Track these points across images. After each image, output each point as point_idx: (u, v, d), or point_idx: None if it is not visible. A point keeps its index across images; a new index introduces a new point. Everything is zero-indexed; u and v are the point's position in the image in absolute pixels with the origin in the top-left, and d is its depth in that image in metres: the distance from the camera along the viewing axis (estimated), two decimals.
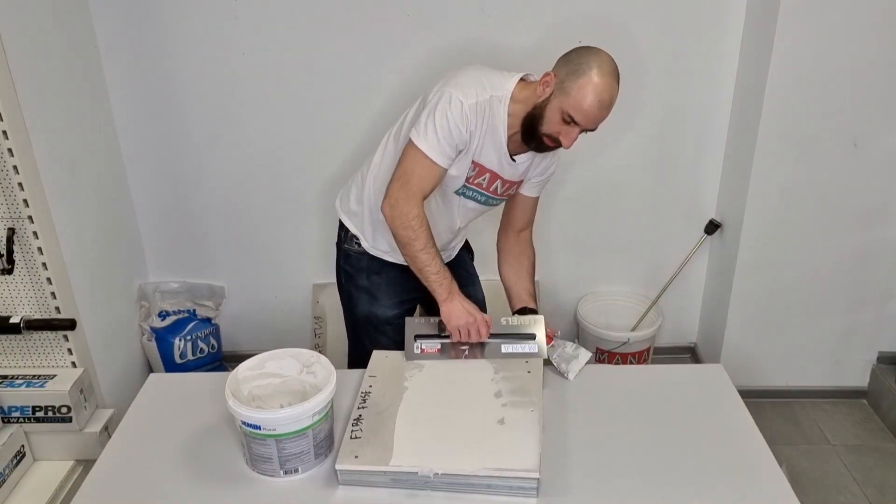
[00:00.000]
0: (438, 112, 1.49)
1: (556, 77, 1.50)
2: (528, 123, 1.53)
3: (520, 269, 1.82)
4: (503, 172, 1.64)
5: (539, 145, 1.56)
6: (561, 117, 1.49)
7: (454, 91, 1.50)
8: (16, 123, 1.79)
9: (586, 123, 1.50)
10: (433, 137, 1.50)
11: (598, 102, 1.46)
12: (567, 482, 1.27)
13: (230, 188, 2.50)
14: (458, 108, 1.49)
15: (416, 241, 1.54)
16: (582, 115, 1.47)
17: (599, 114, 1.49)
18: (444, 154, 1.52)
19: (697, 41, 2.30)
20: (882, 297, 2.44)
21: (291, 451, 1.27)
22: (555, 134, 1.52)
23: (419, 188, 1.53)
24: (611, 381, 1.57)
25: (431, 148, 1.51)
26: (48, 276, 1.93)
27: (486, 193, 1.67)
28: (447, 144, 1.51)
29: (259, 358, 1.38)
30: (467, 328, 1.56)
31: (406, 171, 1.54)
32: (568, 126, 1.50)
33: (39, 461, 2.00)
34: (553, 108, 1.49)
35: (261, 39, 2.27)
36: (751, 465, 1.31)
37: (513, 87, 1.55)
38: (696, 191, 2.54)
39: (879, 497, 2.15)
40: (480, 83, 1.53)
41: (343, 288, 1.87)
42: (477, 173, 1.62)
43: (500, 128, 1.55)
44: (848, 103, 2.16)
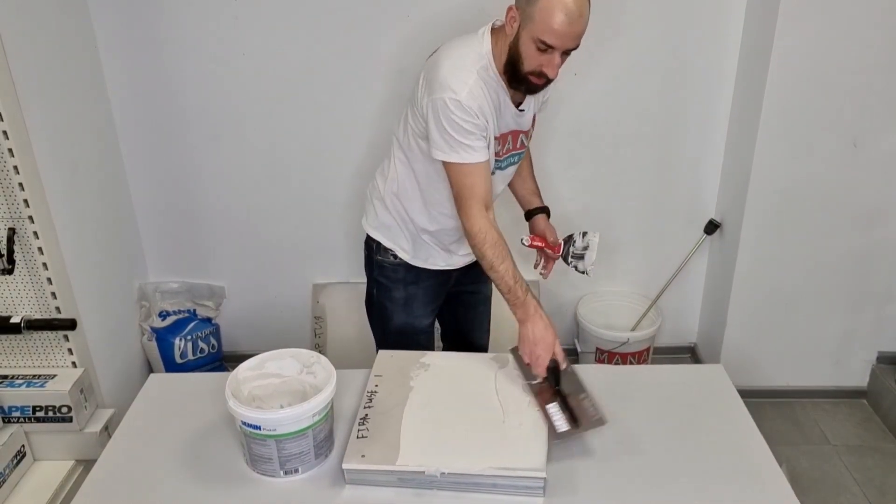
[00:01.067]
0: (445, 122, 1.45)
1: (518, 9, 1.42)
2: (511, 68, 1.46)
3: (521, 171, 1.80)
4: (520, 126, 1.61)
5: (528, 86, 1.49)
6: (536, 47, 1.40)
7: (445, 94, 1.44)
8: (16, 123, 1.79)
9: (562, 43, 1.39)
10: (457, 145, 1.46)
11: (566, 17, 1.35)
12: (572, 482, 1.27)
13: (230, 188, 2.51)
14: (458, 106, 1.43)
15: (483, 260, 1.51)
16: (554, 35, 1.37)
17: (571, 28, 1.37)
18: (477, 150, 1.47)
19: (697, 41, 2.30)
20: (882, 298, 2.44)
21: (292, 452, 1.27)
22: (537, 68, 1.43)
23: (471, 197, 1.49)
24: (611, 381, 1.57)
25: (465, 155, 1.47)
26: (48, 276, 1.93)
27: (514, 153, 1.65)
28: (474, 140, 1.46)
29: (259, 358, 1.38)
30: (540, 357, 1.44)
31: (457, 190, 1.51)
32: (546, 54, 1.41)
33: (40, 461, 2.00)
34: (525, 41, 1.41)
35: (261, 39, 2.27)
36: (751, 465, 1.31)
37: (489, 46, 1.49)
38: (696, 191, 2.54)
39: (879, 497, 2.15)
40: (459, 66, 1.46)
41: (374, 301, 1.82)
42: (502, 144, 1.59)
43: (501, 92, 1.51)
44: (848, 103, 2.16)
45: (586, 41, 2.27)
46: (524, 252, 1.83)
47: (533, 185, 1.85)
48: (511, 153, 1.65)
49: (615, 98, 2.38)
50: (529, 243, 1.77)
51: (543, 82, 1.48)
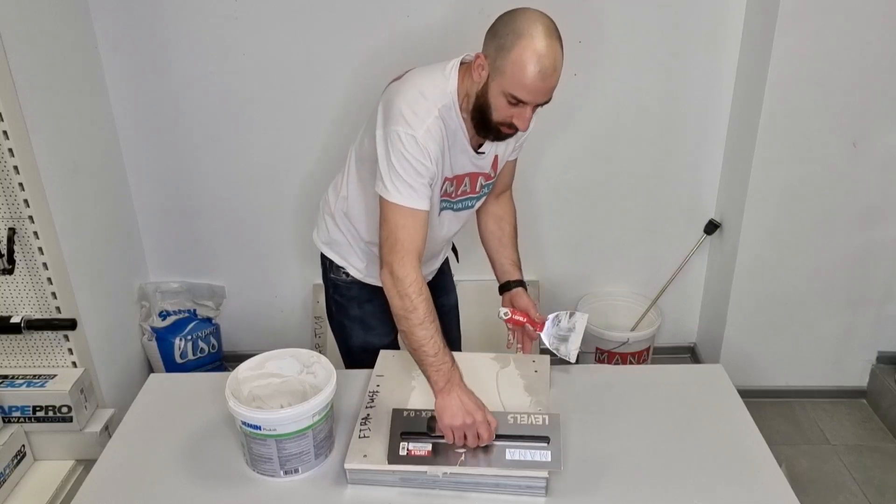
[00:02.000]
0: (395, 156, 1.34)
1: (486, 58, 1.32)
2: (478, 116, 1.38)
3: (501, 237, 1.68)
4: (479, 168, 1.52)
5: (498, 134, 1.41)
6: (506, 100, 1.32)
7: (400, 128, 1.34)
8: (16, 124, 1.79)
9: (534, 99, 1.31)
10: (402, 185, 1.35)
11: (538, 74, 1.26)
12: (574, 482, 1.27)
13: (230, 188, 2.51)
14: (413, 143, 1.33)
15: (413, 314, 1.34)
16: (525, 91, 1.29)
17: (544, 84, 1.29)
18: (421, 196, 1.37)
19: (697, 41, 2.30)
20: (882, 297, 2.44)
21: (292, 452, 1.27)
22: (507, 119, 1.35)
23: (411, 245, 1.36)
24: (611, 381, 1.57)
25: (407, 198, 1.35)
26: (49, 275, 1.93)
27: (470, 196, 1.56)
28: (419, 185, 1.36)
29: (259, 358, 1.38)
30: (462, 430, 1.27)
31: (391, 231, 1.37)
32: (517, 107, 1.33)
33: (40, 461, 2.00)
34: (494, 92, 1.32)
35: (261, 40, 2.27)
36: (751, 465, 1.31)
37: (455, 84, 1.39)
38: (696, 191, 2.54)
39: (879, 497, 2.15)
40: (421, 102, 1.36)
41: (334, 319, 1.77)
42: (456, 185, 1.50)
43: (460, 134, 1.42)
44: (848, 103, 2.16)
45: (586, 42, 2.29)
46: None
47: (513, 255, 1.68)
48: (468, 196, 1.56)
49: (615, 98, 2.38)
50: (509, 317, 1.57)
51: (513, 132, 1.40)
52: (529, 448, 1.27)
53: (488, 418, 1.29)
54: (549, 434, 1.30)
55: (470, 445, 1.28)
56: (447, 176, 1.46)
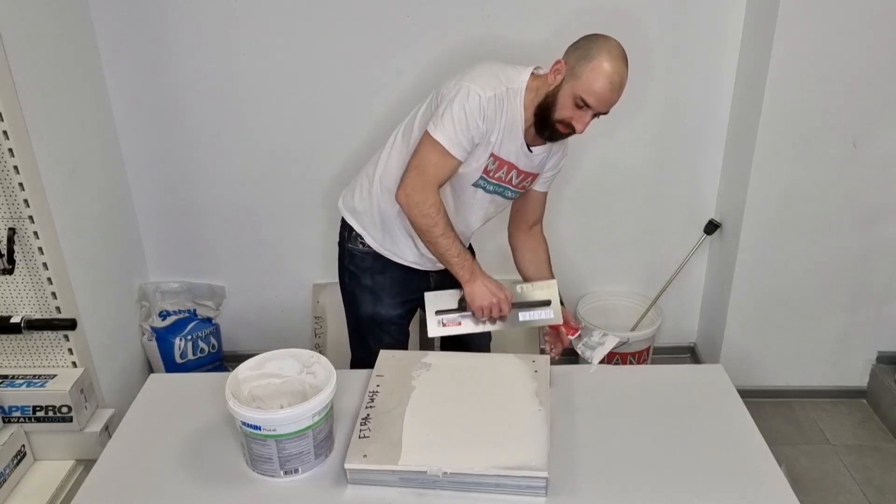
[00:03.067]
0: (456, 104, 1.52)
1: (566, 64, 1.54)
2: (542, 112, 1.57)
3: (539, 263, 1.86)
4: (519, 164, 1.66)
5: (553, 133, 1.59)
6: (573, 102, 1.52)
7: (471, 84, 1.53)
8: (16, 124, 1.79)
9: (599, 106, 1.53)
10: (450, 128, 1.53)
11: (609, 84, 1.49)
12: (574, 481, 1.27)
13: (230, 188, 2.51)
14: (476, 100, 1.52)
15: (436, 228, 1.58)
16: (594, 97, 1.51)
17: (611, 95, 1.52)
18: (459, 146, 1.55)
19: (697, 40, 2.30)
20: (882, 297, 2.44)
21: (292, 452, 1.27)
22: (567, 119, 1.55)
23: (434, 176, 1.56)
24: (611, 381, 1.57)
25: (448, 139, 1.54)
26: (49, 275, 1.93)
27: (503, 185, 1.70)
28: (463, 136, 1.54)
29: (259, 358, 1.38)
30: (490, 308, 1.62)
31: (422, 161, 1.57)
32: (580, 110, 1.53)
33: (40, 461, 2.00)
34: (565, 93, 1.53)
35: (261, 39, 2.27)
36: (751, 465, 1.31)
37: (527, 78, 1.59)
38: (696, 191, 2.54)
39: (879, 497, 2.15)
40: (496, 76, 1.56)
41: (346, 287, 1.87)
42: (497, 166, 1.64)
43: (518, 120, 1.59)
44: (848, 103, 2.16)
45: None
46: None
47: (550, 275, 1.85)
48: (502, 183, 1.69)
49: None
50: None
51: (567, 133, 1.59)
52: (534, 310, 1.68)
53: (508, 294, 1.64)
54: (548, 297, 1.68)
55: (495, 317, 1.65)
56: (494, 153, 1.61)
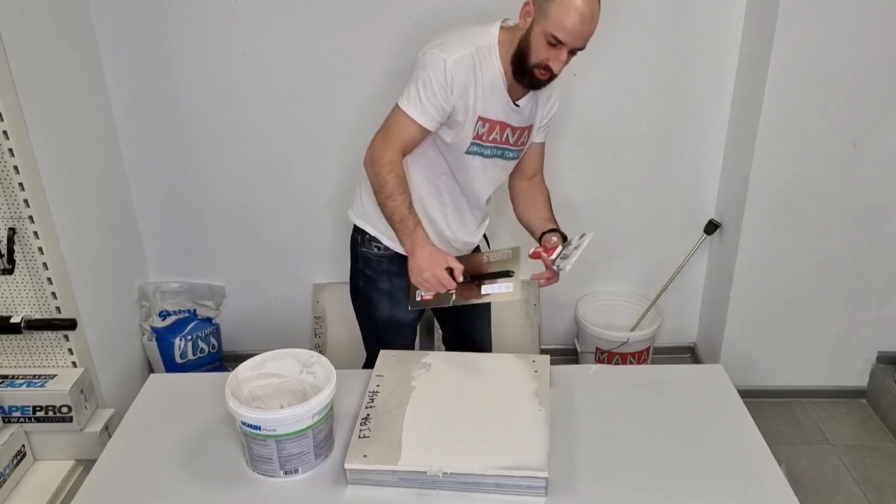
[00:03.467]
0: (422, 72, 1.52)
1: (534, 4, 1.50)
2: (518, 59, 1.53)
3: (535, 203, 1.81)
4: (510, 120, 1.63)
5: (532, 79, 1.55)
6: (546, 41, 1.48)
7: (436, 50, 1.52)
8: (16, 124, 1.79)
9: (572, 41, 1.48)
10: (415, 98, 1.52)
11: (579, 16, 1.44)
12: (574, 481, 1.27)
13: (230, 188, 2.51)
14: (441, 65, 1.50)
15: (384, 187, 1.55)
16: (565, 32, 1.46)
17: (583, 28, 1.46)
18: (426, 115, 1.53)
19: (697, 41, 2.30)
20: (882, 297, 2.44)
21: (292, 452, 1.27)
22: (544, 61, 1.51)
23: (396, 138, 1.55)
24: (611, 381, 1.57)
25: (414, 108, 1.53)
26: (49, 275, 1.93)
27: (501, 146, 1.67)
28: (430, 105, 1.52)
29: (259, 358, 1.38)
30: (430, 282, 1.55)
31: (387, 125, 1.57)
32: (555, 49, 1.49)
33: (40, 461, 2.00)
34: (537, 34, 1.49)
35: (261, 39, 2.27)
36: (751, 465, 1.31)
37: (496, 33, 1.56)
38: (696, 191, 2.54)
39: (879, 497, 2.15)
40: (463, 38, 1.55)
41: (361, 292, 1.84)
42: (488, 129, 1.61)
43: (498, 76, 1.56)
44: (848, 103, 2.16)
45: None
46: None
47: (546, 212, 1.80)
48: (497, 144, 1.66)
49: (615, 98, 2.38)
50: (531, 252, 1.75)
51: (547, 77, 1.54)
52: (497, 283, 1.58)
53: (452, 264, 1.55)
54: (512, 268, 1.59)
55: (440, 291, 1.56)
56: (480, 115, 1.58)
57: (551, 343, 2.78)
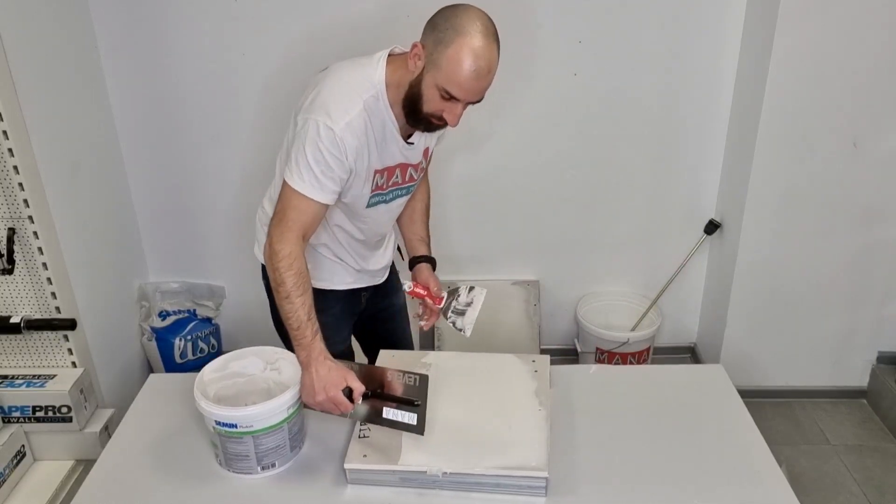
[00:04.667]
0: (309, 145, 1.35)
1: (424, 48, 1.33)
2: (409, 106, 1.38)
3: (412, 214, 1.71)
4: (408, 159, 1.52)
5: (427, 125, 1.41)
6: (439, 94, 1.33)
7: (320, 118, 1.34)
8: (16, 123, 1.79)
9: (466, 97, 1.33)
10: (308, 175, 1.36)
11: (473, 73, 1.29)
12: (574, 481, 1.27)
13: (230, 188, 2.50)
14: (330, 136, 1.34)
15: (280, 287, 1.35)
16: (458, 88, 1.31)
17: (477, 84, 1.32)
18: (325, 191, 1.38)
19: (697, 41, 2.30)
20: (882, 297, 2.44)
21: (269, 446, 1.28)
22: (438, 112, 1.36)
23: (296, 223, 1.37)
24: (611, 381, 1.57)
25: (310, 187, 1.36)
26: (48, 276, 1.93)
27: (401, 187, 1.56)
28: (327, 180, 1.37)
29: (223, 359, 1.40)
30: (323, 405, 1.31)
31: (282, 208, 1.38)
32: (449, 102, 1.34)
33: (40, 461, 2.00)
34: (428, 84, 1.33)
35: (261, 39, 2.27)
36: (751, 464, 1.31)
37: (382, 74, 1.40)
38: (696, 191, 2.54)
39: (879, 497, 2.15)
40: (346, 93, 1.38)
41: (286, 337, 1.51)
42: (386, 176, 1.50)
43: (389, 125, 1.42)
44: (848, 103, 2.16)
45: (586, 42, 2.29)
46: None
47: (422, 232, 1.72)
48: (398, 186, 1.55)
49: (615, 98, 2.38)
50: (411, 289, 1.66)
51: (443, 125, 1.41)
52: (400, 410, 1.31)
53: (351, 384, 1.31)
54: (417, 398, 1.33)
55: (335, 413, 1.33)
56: (377, 168, 1.46)
57: (551, 343, 2.78)
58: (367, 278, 1.70)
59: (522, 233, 2.61)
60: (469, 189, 2.52)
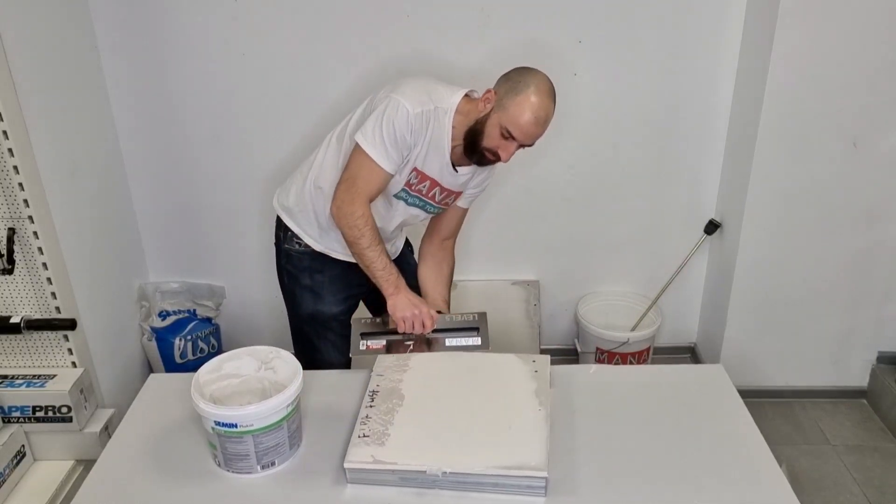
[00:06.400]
0: (385, 118, 1.55)
1: (496, 94, 1.57)
2: (471, 137, 1.60)
3: (439, 275, 1.86)
4: (443, 181, 1.69)
5: (481, 159, 1.62)
6: (500, 132, 1.56)
7: (401, 98, 1.55)
8: (16, 124, 1.79)
9: (523, 139, 1.57)
10: (379, 142, 1.56)
11: (534, 119, 1.54)
12: (573, 481, 1.27)
13: (230, 188, 2.51)
14: (405, 115, 1.54)
15: (362, 240, 1.60)
16: (519, 130, 1.54)
17: (535, 130, 1.56)
18: (390, 159, 1.58)
19: (697, 41, 2.30)
20: (882, 297, 2.44)
21: (269, 445, 1.28)
22: (494, 148, 1.58)
23: (364, 190, 1.59)
24: (611, 381, 1.57)
25: (377, 152, 1.56)
26: (48, 276, 1.93)
27: (424, 199, 1.72)
28: (393, 150, 1.57)
29: (217, 360, 1.39)
30: (412, 320, 1.62)
31: (353, 174, 1.60)
32: (506, 141, 1.57)
33: (40, 461, 2.00)
34: (493, 123, 1.56)
35: (261, 40, 2.27)
36: (751, 465, 1.31)
37: (458, 100, 1.62)
38: (696, 191, 2.54)
39: (879, 497, 2.15)
40: (427, 93, 1.59)
41: (286, 288, 1.89)
42: (419, 180, 1.67)
43: (445, 139, 1.61)
44: (848, 103, 2.16)
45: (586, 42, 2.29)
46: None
47: (445, 292, 1.86)
48: (422, 197, 1.72)
49: (615, 98, 2.38)
50: None
51: (494, 160, 1.62)
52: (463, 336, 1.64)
53: (431, 312, 1.64)
54: (478, 325, 1.66)
55: (417, 332, 1.63)
56: (416, 166, 1.64)
57: (551, 343, 2.78)
58: None
59: (522, 233, 2.61)
60: None
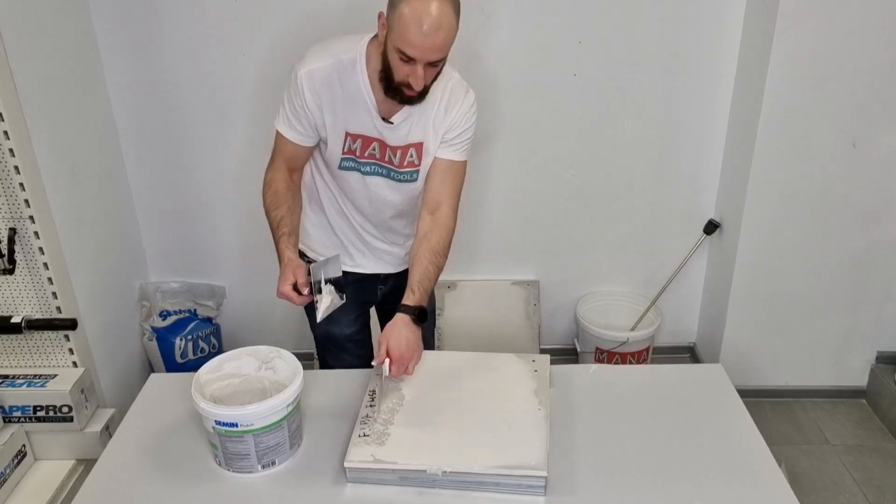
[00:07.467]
0: (286, 87, 1.52)
1: (385, 15, 1.37)
2: (385, 77, 1.41)
3: (415, 255, 1.55)
4: (385, 138, 1.52)
5: (402, 97, 1.42)
6: (399, 57, 1.34)
7: (296, 64, 1.49)
8: (17, 124, 1.80)
9: (420, 55, 1.32)
10: (282, 111, 1.55)
11: (419, 29, 1.29)
12: (573, 481, 1.27)
13: (230, 188, 2.51)
14: (294, 79, 1.48)
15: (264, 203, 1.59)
16: (410, 47, 1.31)
17: (427, 40, 1.30)
18: (292, 129, 1.54)
19: (697, 41, 2.30)
20: (882, 297, 2.44)
21: (269, 444, 1.28)
22: (405, 78, 1.37)
23: (277, 155, 1.59)
24: (610, 380, 1.57)
25: (279, 120, 1.56)
26: (49, 275, 1.93)
27: (382, 164, 1.56)
28: (293, 116, 1.52)
29: (217, 360, 1.40)
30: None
31: (273, 148, 1.61)
32: (408, 65, 1.35)
33: (40, 461, 2.01)
34: (390, 49, 1.36)
35: (261, 39, 2.27)
36: (750, 465, 1.32)
37: (365, 45, 1.46)
38: (696, 191, 2.54)
39: (879, 497, 2.15)
40: (325, 49, 1.49)
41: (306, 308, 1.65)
42: (361, 145, 1.53)
43: (362, 89, 1.46)
44: (848, 103, 2.16)
45: (586, 42, 2.29)
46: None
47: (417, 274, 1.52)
48: (376, 162, 1.55)
49: (615, 98, 2.38)
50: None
51: (415, 94, 1.41)
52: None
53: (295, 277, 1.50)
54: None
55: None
56: (348, 131, 1.52)
57: (551, 343, 2.78)
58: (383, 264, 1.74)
59: (522, 233, 2.61)
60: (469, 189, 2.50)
